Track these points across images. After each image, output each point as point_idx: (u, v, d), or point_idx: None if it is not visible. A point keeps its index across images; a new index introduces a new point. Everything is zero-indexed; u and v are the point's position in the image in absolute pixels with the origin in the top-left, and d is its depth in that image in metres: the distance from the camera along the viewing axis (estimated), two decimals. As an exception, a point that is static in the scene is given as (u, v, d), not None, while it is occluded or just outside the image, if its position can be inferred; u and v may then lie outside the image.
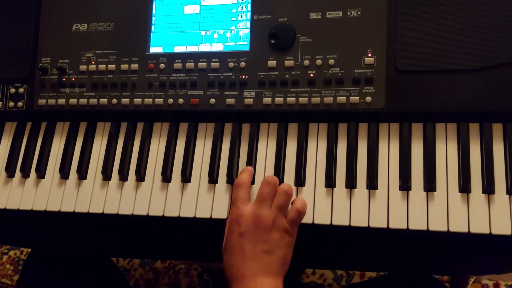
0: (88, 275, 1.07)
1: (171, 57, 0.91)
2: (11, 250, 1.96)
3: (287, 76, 0.85)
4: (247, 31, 0.89)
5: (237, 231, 0.78)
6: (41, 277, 1.03)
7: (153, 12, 0.93)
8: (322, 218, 0.81)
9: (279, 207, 0.78)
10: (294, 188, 0.83)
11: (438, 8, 0.81)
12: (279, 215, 0.78)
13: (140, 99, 0.90)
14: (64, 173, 0.92)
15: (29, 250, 1.19)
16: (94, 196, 0.90)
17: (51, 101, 0.94)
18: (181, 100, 0.89)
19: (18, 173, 0.95)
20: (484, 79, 0.78)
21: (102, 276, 1.11)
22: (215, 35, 0.90)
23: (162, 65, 0.90)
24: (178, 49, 0.91)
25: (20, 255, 1.94)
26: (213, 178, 0.86)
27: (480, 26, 0.79)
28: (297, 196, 0.83)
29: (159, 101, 0.89)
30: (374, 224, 0.79)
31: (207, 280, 1.72)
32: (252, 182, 0.85)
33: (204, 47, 0.90)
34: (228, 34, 0.90)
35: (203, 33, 0.91)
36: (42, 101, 0.95)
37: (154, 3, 0.93)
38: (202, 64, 0.89)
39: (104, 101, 0.92)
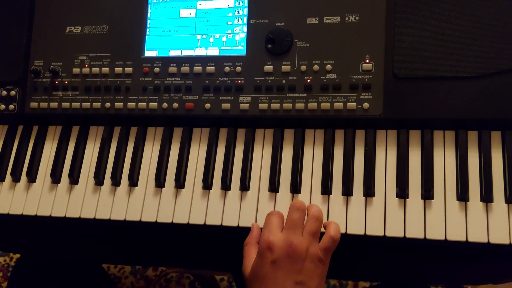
0: (78, 282, 1.05)
1: (166, 61, 0.89)
2: (0, 257, 1.93)
3: (283, 81, 0.84)
4: (244, 35, 0.88)
5: (269, 258, 0.73)
6: (30, 284, 1.01)
7: (148, 15, 0.92)
8: (318, 225, 0.79)
9: (311, 234, 0.74)
10: (289, 195, 0.82)
11: (437, 14, 0.80)
12: (312, 242, 0.74)
13: (134, 103, 0.89)
14: (55, 177, 0.91)
15: (19, 256, 1.17)
16: (86, 201, 0.89)
17: (43, 104, 0.93)
18: (175, 105, 0.87)
19: (8, 177, 0.93)
20: (483, 86, 0.77)
21: (92, 284, 1.09)
22: (211, 39, 0.89)
23: (156, 69, 0.89)
24: (173, 53, 0.90)
25: (10, 261, 1.91)
26: (207, 184, 0.85)
27: (479, 33, 0.78)
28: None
29: (153, 105, 0.88)
30: (370, 232, 0.77)
31: (199, 289, 1.71)
32: (247, 188, 0.84)
33: (200, 51, 0.89)
34: (224, 38, 0.89)
35: (198, 37, 0.90)
36: (34, 104, 0.93)
37: (149, 6, 0.92)
38: (197, 68, 0.88)
39: (97, 104, 0.90)
